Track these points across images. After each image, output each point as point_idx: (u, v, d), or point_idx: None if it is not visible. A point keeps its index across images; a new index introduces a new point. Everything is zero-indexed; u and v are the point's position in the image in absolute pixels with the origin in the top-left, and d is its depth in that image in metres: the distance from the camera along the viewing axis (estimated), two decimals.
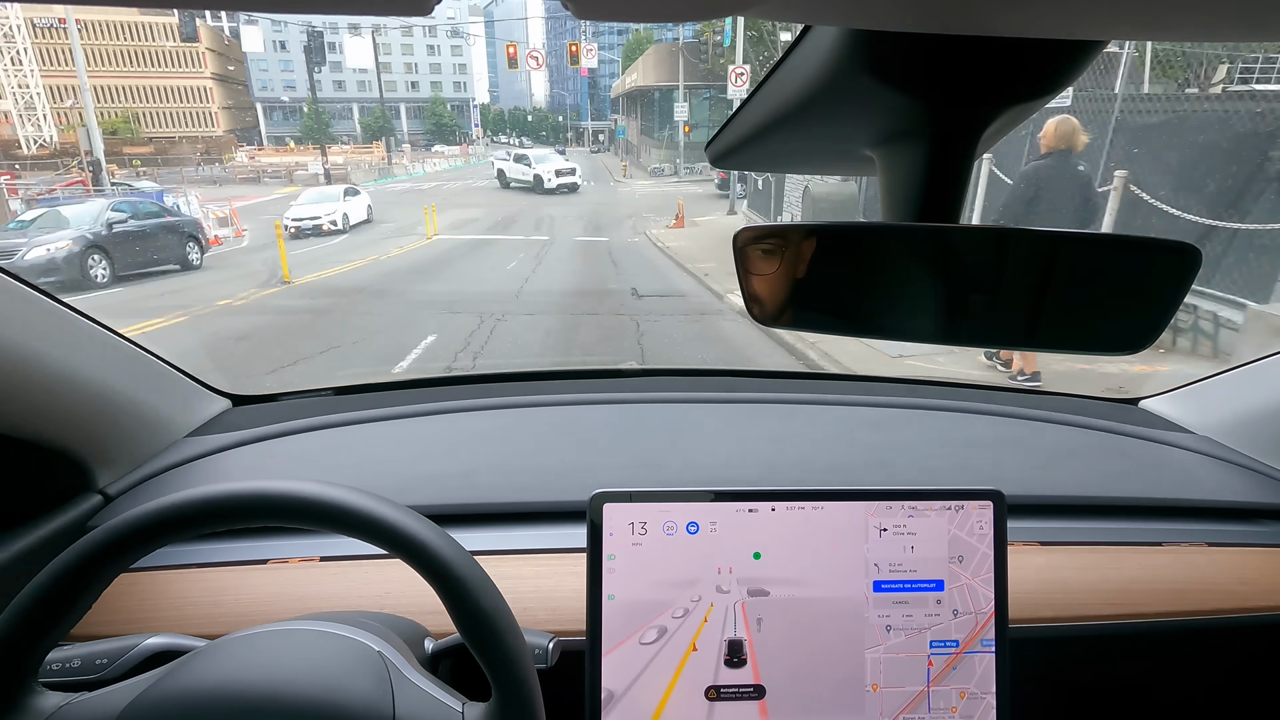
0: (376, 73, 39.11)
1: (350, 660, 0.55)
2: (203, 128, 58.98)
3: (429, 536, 0.52)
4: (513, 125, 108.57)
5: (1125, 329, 0.45)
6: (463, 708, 0.55)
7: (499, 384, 1.29)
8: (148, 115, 55.02)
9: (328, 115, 71.80)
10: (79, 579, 0.51)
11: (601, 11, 0.27)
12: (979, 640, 0.72)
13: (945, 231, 0.45)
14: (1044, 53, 0.39)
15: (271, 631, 0.58)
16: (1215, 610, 0.85)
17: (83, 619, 0.54)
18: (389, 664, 0.56)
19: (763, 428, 1.16)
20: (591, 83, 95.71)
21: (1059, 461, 1.08)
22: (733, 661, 0.71)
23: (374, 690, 0.53)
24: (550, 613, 0.80)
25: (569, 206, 21.12)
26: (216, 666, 0.54)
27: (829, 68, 0.43)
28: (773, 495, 0.72)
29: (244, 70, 69.36)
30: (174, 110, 57.15)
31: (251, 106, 70.57)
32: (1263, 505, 1.00)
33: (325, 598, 0.80)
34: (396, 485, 0.97)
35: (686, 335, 6.39)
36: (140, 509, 0.51)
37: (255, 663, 0.54)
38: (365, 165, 33.64)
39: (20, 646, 0.50)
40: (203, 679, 0.53)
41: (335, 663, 0.55)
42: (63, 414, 0.82)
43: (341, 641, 0.57)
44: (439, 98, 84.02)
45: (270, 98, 75.42)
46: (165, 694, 0.52)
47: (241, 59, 68.80)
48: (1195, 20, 0.31)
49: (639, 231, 14.68)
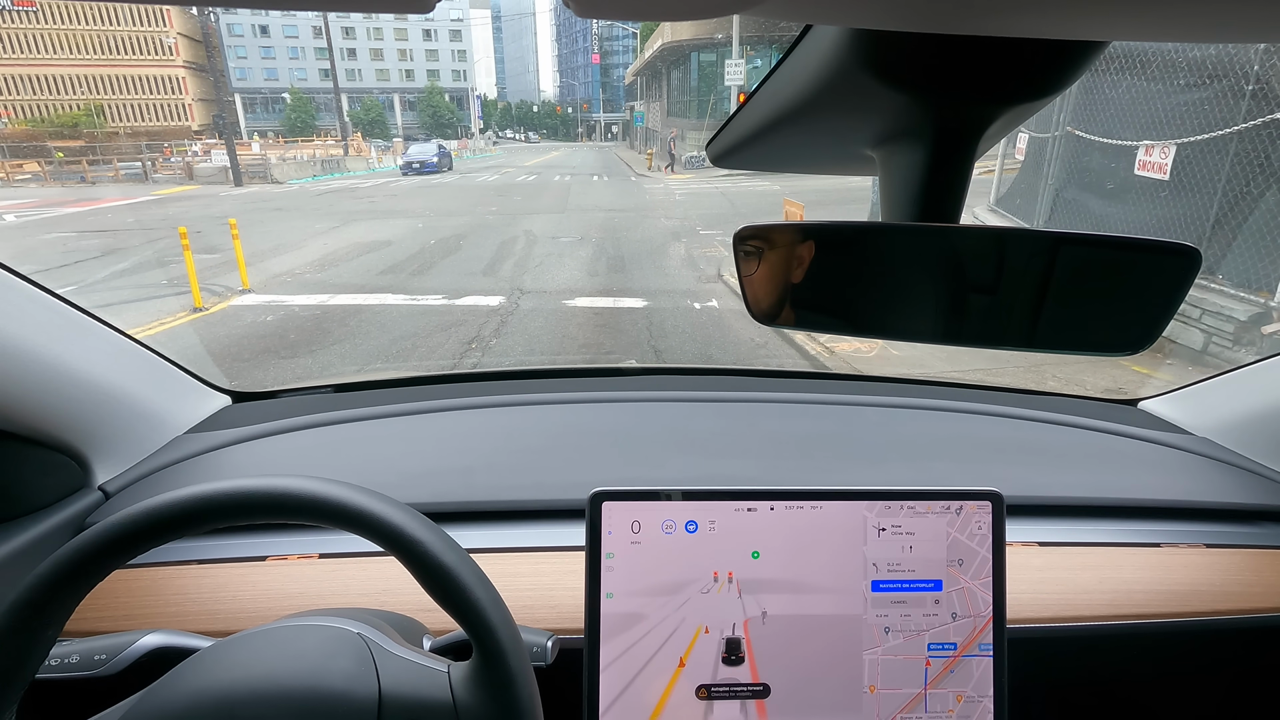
0: (330, 54, 31.64)
1: (329, 645, 0.55)
2: (177, 121, 52.37)
3: (423, 533, 0.52)
4: (520, 119, 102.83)
5: (1125, 330, 0.45)
6: (448, 669, 0.55)
7: (499, 382, 1.27)
8: (114, 108, 51.01)
9: (314, 106, 64.89)
10: (76, 576, 0.50)
11: (603, 10, 0.27)
12: (977, 644, 0.71)
13: (945, 231, 0.45)
14: (1044, 53, 0.39)
15: (250, 634, 0.57)
16: (1214, 612, 0.85)
17: (82, 615, 0.54)
18: (369, 642, 0.56)
19: (762, 427, 1.15)
20: (603, 70, 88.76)
21: (1058, 462, 1.07)
22: (731, 660, 0.70)
23: (357, 668, 0.54)
24: (549, 610, 0.79)
25: (566, 218, 12.10)
26: (195, 677, 0.53)
27: (830, 67, 0.42)
28: (772, 495, 0.71)
29: (221, 58, 62.69)
30: (144, 102, 53.35)
31: (230, 99, 64.35)
32: (1261, 507, 1.00)
33: (324, 595, 0.80)
34: (395, 482, 0.96)
35: None
36: (139, 506, 0.51)
37: (233, 665, 0.54)
38: (300, 159, 26.85)
39: (16, 645, 0.49)
40: (180, 692, 0.52)
41: (314, 650, 0.55)
42: (61, 410, 0.82)
43: (319, 631, 0.57)
44: (436, 87, 76.48)
45: (250, 88, 68.64)
46: (147, 712, 0.52)
47: (219, 46, 62.56)
48: (1195, 20, 0.31)
49: (708, 277, 7.63)
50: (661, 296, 6.70)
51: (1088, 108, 5.88)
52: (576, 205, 14.74)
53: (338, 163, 28.44)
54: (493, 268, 8.21)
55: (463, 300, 6.66)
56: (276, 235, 11.11)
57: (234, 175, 21.65)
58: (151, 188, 21.54)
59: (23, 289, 0.80)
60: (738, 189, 16.92)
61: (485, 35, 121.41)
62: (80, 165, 25.05)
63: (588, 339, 5.54)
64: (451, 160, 29.84)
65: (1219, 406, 1.14)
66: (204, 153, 27.90)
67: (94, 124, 45.32)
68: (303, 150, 32.71)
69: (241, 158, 23.25)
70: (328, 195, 18.21)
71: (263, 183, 22.52)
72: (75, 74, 48.36)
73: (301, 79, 70.71)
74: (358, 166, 29.54)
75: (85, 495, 0.87)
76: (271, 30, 71.57)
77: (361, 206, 15.24)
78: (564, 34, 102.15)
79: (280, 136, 51.86)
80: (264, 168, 23.45)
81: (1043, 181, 6.43)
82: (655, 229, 11.07)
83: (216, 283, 7.38)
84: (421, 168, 25.72)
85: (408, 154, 27.24)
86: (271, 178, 22.93)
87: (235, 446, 1.03)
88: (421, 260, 8.77)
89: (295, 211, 14.56)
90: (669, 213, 13.03)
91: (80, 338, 0.86)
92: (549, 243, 9.90)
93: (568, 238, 10.33)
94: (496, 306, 6.42)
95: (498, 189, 19.39)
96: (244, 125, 63.33)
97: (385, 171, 28.12)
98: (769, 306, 0.49)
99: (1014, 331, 0.45)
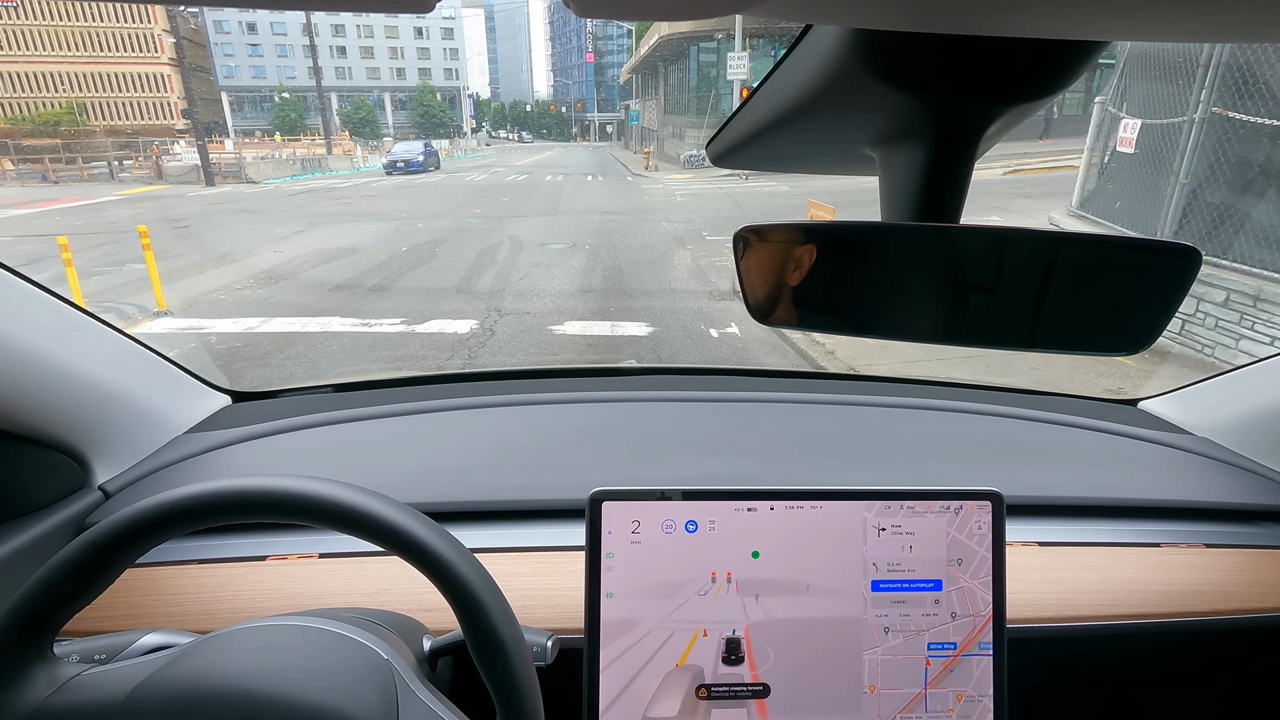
0: (312, 50, 30.85)
1: (360, 669, 0.55)
2: (162, 119, 51.48)
3: (428, 536, 0.52)
4: (513, 119, 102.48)
5: (1125, 330, 0.45)
6: None
7: (498, 382, 1.26)
8: (98, 106, 49.41)
9: (303, 105, 63.97)
10: (78, 576, 0.51)
11: (603, 10, 0.27)
12: (977, 644, 0.71)
13: (946, 231, 0.45)
14: (1044, 53, 0.39)
15: (285, 626, 0.57)
16: (1213, 611, 0.84)
17: (82, 615, 0.54)
18: (396, 675, 0.55)
19: (763, 427, 1.14)
20: (598, 69, 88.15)
21: (1058, 462, 1.07)
22: (730, 660, 0.70)
23: (380, 704, 0.53)
24: (549, 610, 0.78)
25: (557, 222, 10.94)
26: (227, 657, 0.53)
27: (830, 67, 0.42)
28: (771, 495, 0.71)
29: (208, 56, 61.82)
30: (129, 101, 51.86)
31: (217, 98, 63.39)
32: (1261, 507, 0.99)
33: (324, 594, 0.79)
34: (396, 482, 0.95)
35: None
36: (140, 504, 0.51)
37: (265, 659, 0.53)
38: (278, 158, 25.39)
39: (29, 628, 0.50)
40: (211, 669, 0.52)
41: (345, 669, 0.54)
42: (61, 410, 0.81)
43: (353, 646, 0.56)
44: (427, 86, 75.30)
45: (237, 86, 67.54)
46: (175, 679, 0.52)
47: (205, 43, 61.87)
48: (1196, 20, 0.31)
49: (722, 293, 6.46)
50: (670, 319, 5.56)
51: (1246, 83, 4.28)
52: (569, 207, 13.57)
53: (320, 161, 27.42)
54: (469, 281, 7.04)
55: (425, 326, 5.49)
56: (231, 240, 9.91)
57: (205, 174, 20.43)
58: (118, 187, 20.37)
59: (23, 289, 0.79)
60: (743, 190, 15.77)
61: (479, 34, 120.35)
62: (43, 164, 23.80)
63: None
64: (439, 159, 29.15)
65: (1219, 406, 1.14)
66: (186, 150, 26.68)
67: (76, 122, 43.79)
68: (284, 149, 31.37)
69: (222, 157, 22.08)
70: (301, 196, 17.05)
71: (237, 182, 21.36)
72: (58, 71, 47.01)
73: (290, 77, 69.42)
74: (342, 166, 28.78)
75: (85, 495, 0.87)
76: (259, 28, 70.24)
77: (334, 208, 14.07)
78: (558, 33, 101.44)
79: (266, 135, 51.01)
80: (239, 167, 22.21)
81: (1171, 180, 4.83)
82: (656, 234, 9.92)
83: (133, 301, 6.15)
84: (406, 167, 24.83)
85: (392, 153, 26.31)
86: (246, 177, 21.83)
87: (235, 446, 1.02)
88: (387, 272, 7.57)
89: (260, 214, 13.41)
90: (670, 215, 11.92)
91: (80, 337, 0.85)
92: (536, 250, 8.73)
93: (558, 244, 9.15)
94: (466, 335, 5.26)
95: (484, 189, 18.26)
96: (231, 124, 62.64)
97: (370, 171, 27.22)
98: (768, 306, 0.49)
99: (1014, 331, 0.45)
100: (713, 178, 19.04)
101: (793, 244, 0.47)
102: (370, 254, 8.65)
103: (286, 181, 22.23)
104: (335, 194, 17.25)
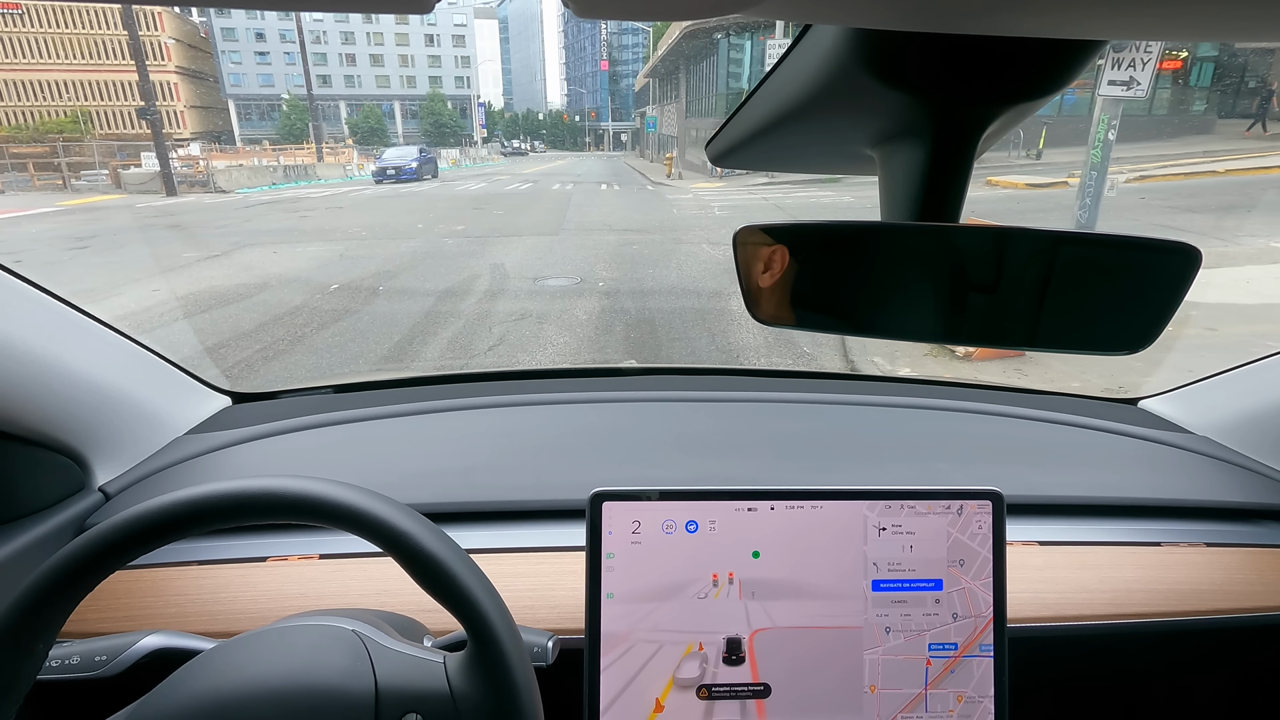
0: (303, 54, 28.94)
1: (323, 643, 0.55)
2: (168, 128, 49.89)
3: (415, 528, 0.52)
4: (525, 128, 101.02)
5: (1125, 329, 0.45)
6: (443, 659, 0.55)
7: (498, 382, 1.25)
8: (104, 114, 48.50)
9: (309, 113, 62.48)
10: (77, 577, 0.50)
11: (603, 10, 0.27)
12: (977, 644, 0.71)
13: (946, 231, 0.45)
14: (1044, 53, 0.39)
15: (245, 638, 0.57)
16: (1214, 611, 0.84)
17: (82, 616, 0.52)
18: (363, 638, 0.56)
19: (763, 427, 1.14)
20: (612, 79, 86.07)
21: (1058, 461, 1.07)
22: (731, 660, 0.70)
23: (352, 663, 0.53)
24: (550, 610, 0.78)
25: (559, 243, 7.98)
26: (191, 682, 0.53)
27: (830, 66, 0.42)
28: (772, 494, 0.71)
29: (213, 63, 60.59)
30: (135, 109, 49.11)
31: (224, 106, 62.14)
32: (1261, 506, 0.99)
33: (324, 596, 0.79)
34: (396, 483, 0.95)
35: None
36: (138, 508, 0.51)
37: (229, 669, 0.54)
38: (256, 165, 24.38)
39: (16, 648, 0.49)
40: (176, 698, 0.52)
41: (308, 648, 0.55)
42: (61, 411, 0.81)
43: (313, 630, 0.57)
44: (438, 94, 73.46)
45: (244, 94, 66.03)
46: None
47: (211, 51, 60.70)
48: (1195, 20, 0.31)
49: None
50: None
51: None
52: (576, 223, 10.73)
53: (306, 169, 25.10)
54: (400, 355, 4.14)
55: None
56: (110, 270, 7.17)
57: (166, 183, 17.92)
58: (69, 197, 17.94)
59: (22, 289, 0.80)
60: (793, 200, 12.87)
61: (493, 43, 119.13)
62: (27, 171, 22.41)
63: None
64: (436, 167, 27.74)
65: (1219, 405, 1.13)
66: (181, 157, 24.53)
67: (80, 130, 42.85)
68: (264, 156, 29.11)
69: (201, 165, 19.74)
70: (260, 207, 14.70)
71: (204, 191, 18.89)
72: (63, 79, 46.45)
73: (298, 85, 67.84)
74: (332, 174, 26.78)
75: (85, 496, 0.87)
76: (268, 35, 68.79)
77: (286, 223, 11.55)
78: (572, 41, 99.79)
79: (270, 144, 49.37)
80: (208, 175, 19.75)
81: None
82: (699, 265, 6.99)
83: None
84: (398, 174, 22.81)
85: (381, 159, 24.34)
86: (215, 186, 19.39)
87: (236, 447, 1.02)
88: (282, 332, 4.73)
89: (188, 230, 10.93)
90: (711, 235, 8.95)
91: (80, 338, 0.86)
92: (525, 291, 5.84)
93: (558, 279, 6.29)
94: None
95: (476, 200, 15.68)
96: (238, 132, 61.52)
97: (362, 179, 25.10)
98: (769, 306, 0.49)
99: (1014, 331, 0.45)
100: (750, 184, 16.19)
101: (793, 244, 0.47)
102: (280, 295, 5.91)
103: (261, 190, 20.28)
104: (300, 205, 14.81)
